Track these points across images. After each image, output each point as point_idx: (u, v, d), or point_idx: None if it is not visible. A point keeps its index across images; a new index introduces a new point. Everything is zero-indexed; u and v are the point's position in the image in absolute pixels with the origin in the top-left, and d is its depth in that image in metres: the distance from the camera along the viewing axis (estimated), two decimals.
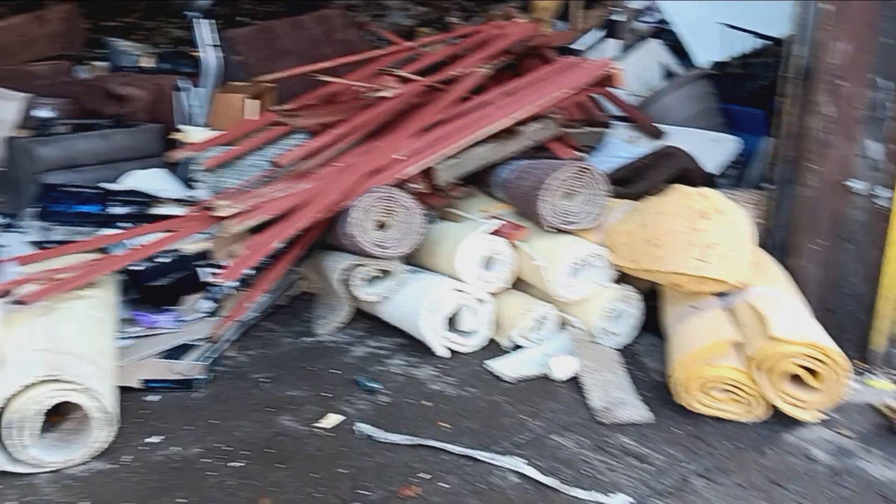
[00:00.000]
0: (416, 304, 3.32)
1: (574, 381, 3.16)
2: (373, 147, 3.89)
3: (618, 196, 3.55)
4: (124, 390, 2.89)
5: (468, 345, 3.40)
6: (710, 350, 2.92)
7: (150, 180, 4.25)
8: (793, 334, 2.80)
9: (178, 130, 4.54)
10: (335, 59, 4.94)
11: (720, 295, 3.21)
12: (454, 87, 4.13)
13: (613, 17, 6.43)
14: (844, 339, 3.16)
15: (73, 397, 2.49)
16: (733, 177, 4.45)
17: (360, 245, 3.40)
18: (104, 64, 6.94)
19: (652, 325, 3.49)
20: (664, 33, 5.72)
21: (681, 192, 3.23)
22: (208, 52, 4.84)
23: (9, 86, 6.41)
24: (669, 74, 5.31)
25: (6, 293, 3.00)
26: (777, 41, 4.65)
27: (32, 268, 3.35)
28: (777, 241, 3.52)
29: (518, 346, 3.42)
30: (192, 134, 4.37)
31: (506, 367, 3.23)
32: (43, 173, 4.60)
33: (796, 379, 2.84)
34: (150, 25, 11.15)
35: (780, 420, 2.89)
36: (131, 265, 3.41)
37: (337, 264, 3.54)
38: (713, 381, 2.90)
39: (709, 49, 5.19)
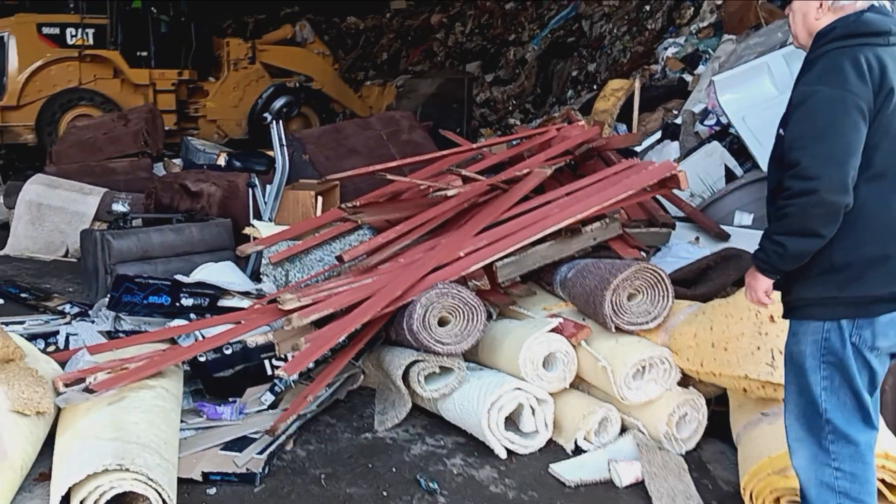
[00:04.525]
0: (476, 403, 3.29)
1: (638, 488, 3.06)
2: (436, 244, 3.95)
3: (682, 297, 3.51)
4: (183, 482, 2.90)
5: (528, 446, 3.33)
6: (781, 460, 2.81)
7: (220, 273, 4.37)
8: None
9: (249, 225, 4.69)
10: (401, 158, 5.10)
11: None
12: (516, 186, 4.20)
13: (674, 120, 6.52)
14: None
15: (137, 487, 2.51)
16: None
17: (421, 341, 3.41)
18: (179, 161, 7.29)
19: (718, 431, 3.38)
20: (726, 135, 5.76)
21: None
22: (280, 151, 5.05)
23: (90, 180, 6.79)
24: (732, 176, 5.32)
25: (77, 382, 3.09)
26: None
27: (102, 357, 3.45)
28: None
29: (579, 449, 3.34)
30: (262, 229, 4.51)
31: (567, 471, 3.15)
32: (117, 264, 4.77)
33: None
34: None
35: None
36: (198, 356, 3.47)
37: (398, 359, 3.54)
38: (786, 492, 2.78)
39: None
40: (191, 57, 10.37)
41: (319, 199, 5.16)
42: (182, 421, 3.22)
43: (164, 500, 2.54)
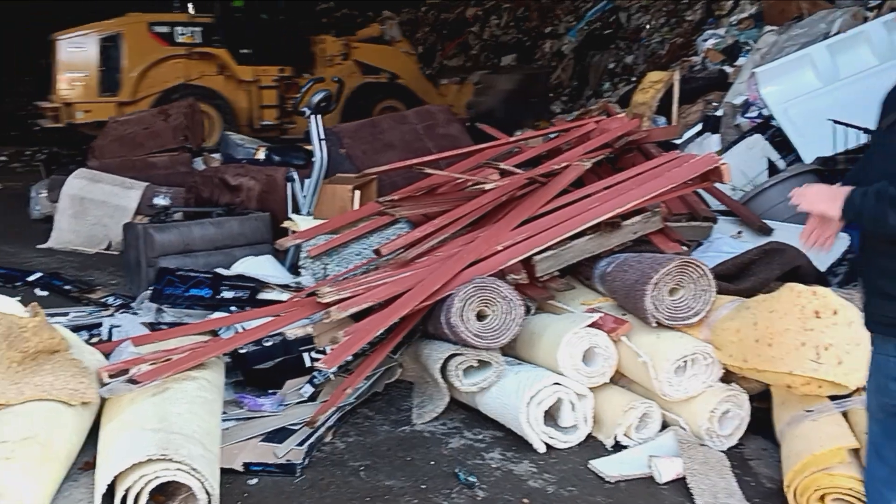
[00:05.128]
0: (515, 398, 3.28)
1: (678, 484, 3.03)
2: (473, 238, 3.94)
3: (725, 292, 3.46)
4: (224, 472, 2.93)
5: (567, 440, 3.31)
6: (826, 457, 2.77)
7: (260, 266, 4.40)
8: None
9: (288, 219, 4.72)
10: (437, 152, 5.09)
11: (834, 398, 3.06)
12: (554, 180, 4.17)
13: (714, 112, 6.43)
14: None
15: (181, 477, 2.53)
16: (844, 275, 4.29)
17: (459, 335, 3.41)
18: (218, 155, 7.36)
19: (761, 428, 3.34)
20: (768, 128, 5.67)
21: (792, 290, 3.13)
22: (318, 145, 5.07)
23: (131, 175, 6.89)
24: (774, 169, 5.24)
25: (121, 373, 3.13)
26: None
27: (145, 348, 3.49)
28: None
29: (619, 445, 3.32)
30: (300, 223, 4.53)
31: (607, 467, 3.13)
32: (159, 257, 4.82)
33: None
34: None
35: None
36: (238, 348, 3.51)
37: (436, 353, 3.54)
38: (831, 490, 2.74)
39: (816, 144, 5.11)
40: (289, 53, 10.83)
41: (357, 193, 5.18)
42: (223, 412, 3.26)
43: (206, 491, 2.57)
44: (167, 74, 10.13)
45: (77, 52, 9.82)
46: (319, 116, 5.13)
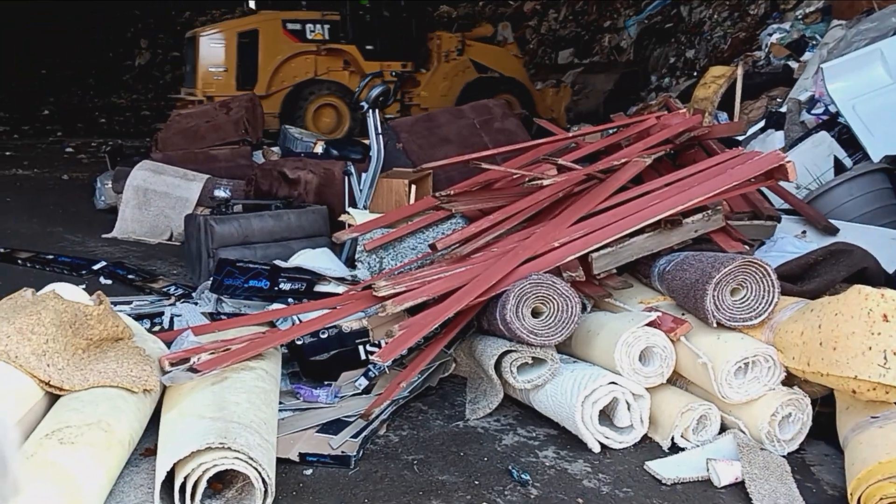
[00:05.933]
0: (570, 396, 3.24)
1: (737, 488, 2.96)
2: (530, 234, 3.92)
3: (789, 293, 3.38)
4: (280, 461, 2.97)
5: (623, 441, 3.27)
6: (893, 465, 2.68)
7: (317, 259, 4.45)
8: None
9: (345, 213, 4.76)
10: (493, 147, 5.07)
11: None
12: (613, 176, 4.12)
13: (778, 109, 6.28)
14: None
15: (239, 466, 2.58)
16: None
17: (514, 331, 3.39)
18: (277, 149, 7.47)
19: (823, 433, 3.25)
20: (834, 125, 5.52)
21: (859, 292, 3.02)
22: (376, 139, 5.10)
23: (193, 167, 7.03)
24: (840, 168, 5.09)
25: (182, 361, 3.20)
26: None
27: (205, 338, 3.56)
28: None
29: (676, 447, 3.27)
30: (357, 216, 4.57)
31: (663, 469, 3.08)
32: (219, 248, 4.91)
33: None
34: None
35: None
36: (295, 339, 3.55)
37: (490, 349, 3.53)
38: None
39: (884, 142, 4.95)
40: (410, 49, 11.37)
41: (413, 187, 5.19)
42: (280, 402, 3.30)
43: (263, 480, 2.61)
44: (298, 69, 10.70)
45: (217, 48, 10.51)
46: (377, 111, 5.16)
